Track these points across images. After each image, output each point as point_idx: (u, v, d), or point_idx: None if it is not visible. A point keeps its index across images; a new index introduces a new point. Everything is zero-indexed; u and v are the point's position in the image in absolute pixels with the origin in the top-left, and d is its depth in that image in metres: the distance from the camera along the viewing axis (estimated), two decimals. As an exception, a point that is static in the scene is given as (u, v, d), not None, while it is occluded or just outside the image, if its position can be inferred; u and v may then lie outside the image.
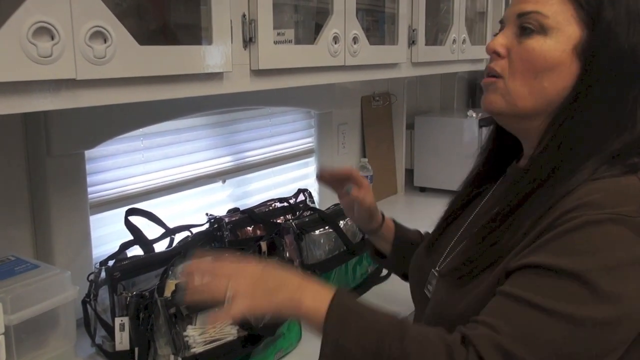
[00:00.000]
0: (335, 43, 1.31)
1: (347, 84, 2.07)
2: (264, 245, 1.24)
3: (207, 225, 1.37)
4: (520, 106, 0.76)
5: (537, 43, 0.74)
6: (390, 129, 2.38)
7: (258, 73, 1.14)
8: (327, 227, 1.43)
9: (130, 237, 1.23)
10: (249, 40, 1.10)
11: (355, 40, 1.38)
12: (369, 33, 1.51)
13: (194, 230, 1.34)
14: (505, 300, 0.67)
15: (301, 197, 1.65)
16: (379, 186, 2.28)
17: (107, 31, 0.84)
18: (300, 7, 1.38)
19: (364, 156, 2.21)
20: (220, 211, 1.49)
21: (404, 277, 1.13)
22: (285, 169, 1.85)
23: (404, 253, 1.08)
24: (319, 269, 1.36)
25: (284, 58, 1.18)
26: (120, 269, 1.10)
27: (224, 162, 1.62)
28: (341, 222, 1.48)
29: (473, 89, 3.02)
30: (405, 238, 1.13)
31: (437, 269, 0.88)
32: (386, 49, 1.55)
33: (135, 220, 1.25)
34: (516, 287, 0.67)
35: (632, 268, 0.64)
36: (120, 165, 1.36)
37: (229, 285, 0.70)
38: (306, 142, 1.93)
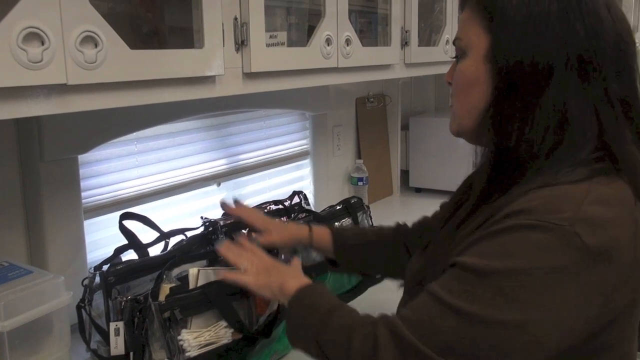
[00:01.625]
0: (328, 45, 1.31)
1: (342, 85, 2.08)
2: (258, 248, 1.23)
3: (202, 229, 1.37)
4: (465, 125, 0.80)
5: (461, 65, 0.78)
6: (385, 130, 2.38)
7: (250, 76, 1.14)
8: (322, 229, 1.43)
9: (125, 242, 1.23)
10: (241, 43, 1.10)
11: (348, 42, 1.38)
12: (361, 35, 1.51)
13: (189, 233, 1.34)
14: (425, 294, 0.70)
15: (296, 200, 1.64)
16: (375, 187, 2.28)
17: (98, 36, 0.84)
18: (293, 10, 1.38)
19: (359, 157, 2.21)
20: (216, 214, 1.49)
21: (365, 275, 1.32)
22: (281, 171, 1.85)
23: (349, 257, 1.16)
24: (315, 271, 1.36)
25: (277, 61, 1.18)
26: (114, 273, 1.10)
27: (219, 165, 1.62)
28: (336, 223, 1.48)
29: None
30: (345, 245, 1.16)
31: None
32: (379, 50, 1.55)
33: (129, 224, 1.24)
34: (436, 284, 0.70)
35: (549, 277, 0.63)
36: (114, 170, 1.36)
37: (247, 261, 0.99)
38: (301, 144, 1.93)
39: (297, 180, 1.93)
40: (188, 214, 1.53)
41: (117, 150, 1.36)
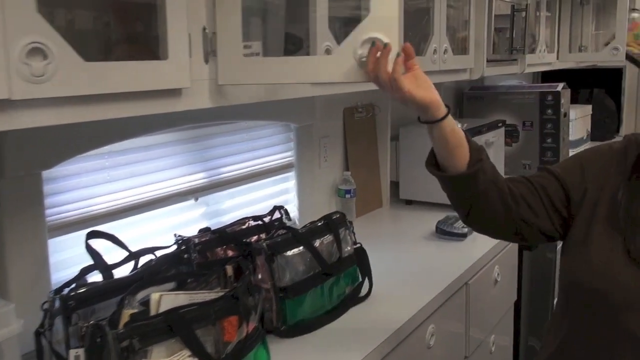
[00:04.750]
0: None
1: (330, 95, 2.02)
2: (229, 269, 1.18)
3: (174, 247, 1.31)
4: None
5: None
6: (375, 141, 2.33)
7: (221, 88, 1.08)
8: (301, 247, 1.37)
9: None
10: (210, 54, 1.05)
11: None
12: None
13: (161, 252, 1.28)
14: None
15: (277, 215, 1.59)
16: (363, 200, 2.22)
17: (47, 47, 0.79)
18: (269, 18, 1.32)
19: (347, 169, 2.15)
20: (193, 230, 1.43)
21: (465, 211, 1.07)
22: (264, 184, 1.80)
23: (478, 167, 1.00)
24: (292, 292, 1.31)
25: (251, 72, 1.13)
26: (75, 297, 1.04)
27: (197, 179, 1.56)
28: (317, 241, 1.42)
29: (460, 98, 2.98)
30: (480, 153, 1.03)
31: None
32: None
33: (98, 243, 1.18)
34: None
35: None
36: (83, 185, 1.30)
37: None
38: (285, 156, 1.87)
39: (281, 193, 1.88)
40: (164, 230, 1.47)
41: (86, 165, 1.30)
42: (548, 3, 2.67)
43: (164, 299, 0.96)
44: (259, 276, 1.33)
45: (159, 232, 1.46)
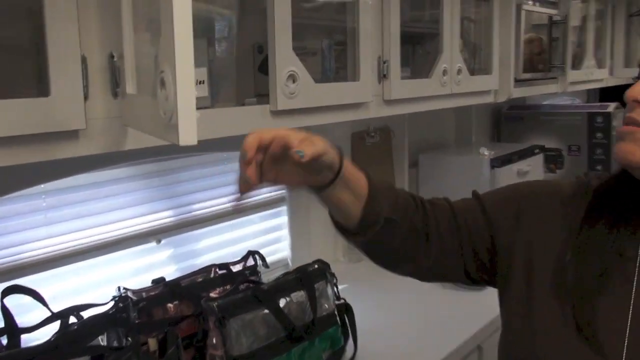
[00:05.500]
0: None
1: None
2: (152, 342, 0.98)
3: (110, 305, 1.13)
4: None
5: None
6: (390, 169, 2.09)
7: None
8: (264, 308, 1.16)
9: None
10: (116, 89, 0.86)
11: (293, 78, 1.11)
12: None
13: (93, 311, 1.10)
14: None
15: (251, 262, 1.38)
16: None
17: None
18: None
19: (354, 202, 1.92)
20: (143, 281, 1.25)
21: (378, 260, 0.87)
22: (249, 221, 1.60)
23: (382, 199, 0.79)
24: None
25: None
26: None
27: (161, 217, 1.38)
28: (284, 299, 1.20)
29: (497, 119, 2.69)
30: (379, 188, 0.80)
31: None
32: (346, 86, 1.28)
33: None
34: None
35: None
36: (12, 230, 1.14)
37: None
38: (274, 189, 1.66)
39: (270, 230, 1.67)
40: (120, 277, 1.29)
41: (17, 207, 1.14)
42: (598, 12, 2.35)
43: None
44: (213, 340, 1.14)
45: (110, 281, 1.28)
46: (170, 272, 1.38)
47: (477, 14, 1.70)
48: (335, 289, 1.34)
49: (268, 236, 1.66)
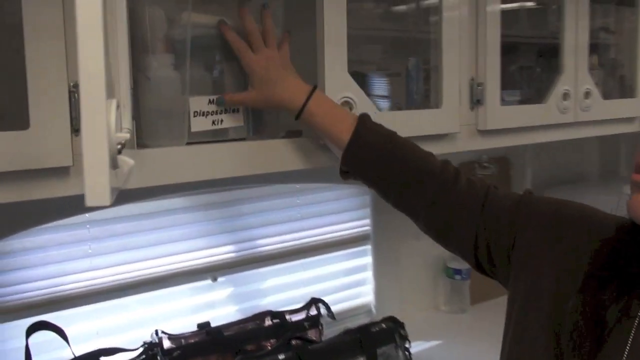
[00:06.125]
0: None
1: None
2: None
3: (138, 352, 1.02)
4: None
5: None
6: (508, 205, 1.79)
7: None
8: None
9: None
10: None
11: (349, 106, 0.92)
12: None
13: (120, 356, 1.00)
14: None
15: (313, 311, 1.21)
16: (484, 282, 1.70)
17: None
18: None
19: (457, 243, 1.66)
20: (212, 316, 1.14)
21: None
22: (324, 260, 1.42)
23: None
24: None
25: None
26: None
27: (218, 253, 1.25)
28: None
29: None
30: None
31: None
32: (425, 114, 1.06)
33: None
34: None
35: None
36: (53, 260, 1.08)
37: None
38: (357, 225, 1.47)
39: (352, 271, 1.48)
40: (162, 317, 1.19)
41: (58, 237, 1.08)
42: None
43: None
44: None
45: (156, 319, 1.18)
46: (226, 314, 1.25)
47: (617, 23, 1.37)
48: (406, 354, 1.12)
49: (348, 278, 1.47)
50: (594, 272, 0.66)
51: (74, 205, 1.05)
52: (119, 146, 0.48)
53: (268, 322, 1.16)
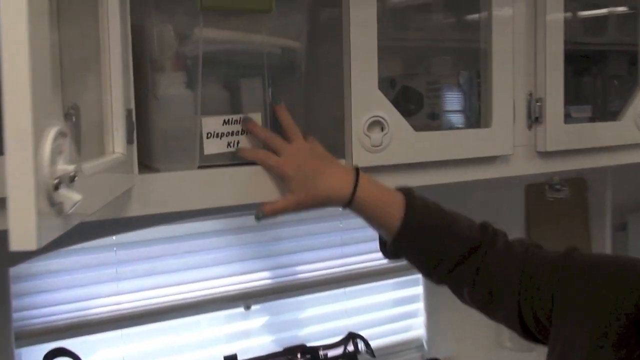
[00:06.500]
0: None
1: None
2: None
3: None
4: None
5: None
6: (585, 232, 1.61)
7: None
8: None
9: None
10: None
11: (381, 126, 0.82)
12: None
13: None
14: None
15: (350, 347, 1.11)
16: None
17: None
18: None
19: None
20: (243, 346, 1.08)
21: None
22: (370, 289, 1.32)
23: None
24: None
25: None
26: None
27: (252, 279, 1.18)
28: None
29: None
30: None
31: None
32: (466, 134, 0.94)
33: None
34: None
35: None
36: (79, 283, 1.05)
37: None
38: (406, 253, 1.35)
39: (401, 302, 1.36)
40: (190, 346, 1.13)
41: (85, 259, 1.05)
42: None
43: None
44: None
45: (184, 348, 1.12)
46: (258, 345, 1.17)
47: None
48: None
49: (396, 309, 1.35)
50: (631, 327, 0.62)
51: (101, 227, 1.02)
52: (56, 181, 0.41)
53: (299, 357, 1.07)
